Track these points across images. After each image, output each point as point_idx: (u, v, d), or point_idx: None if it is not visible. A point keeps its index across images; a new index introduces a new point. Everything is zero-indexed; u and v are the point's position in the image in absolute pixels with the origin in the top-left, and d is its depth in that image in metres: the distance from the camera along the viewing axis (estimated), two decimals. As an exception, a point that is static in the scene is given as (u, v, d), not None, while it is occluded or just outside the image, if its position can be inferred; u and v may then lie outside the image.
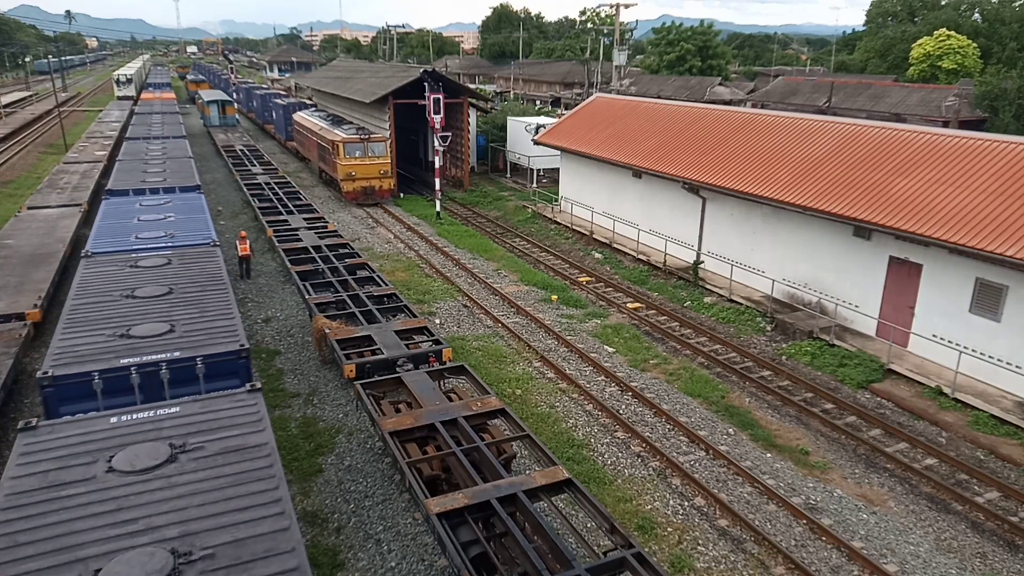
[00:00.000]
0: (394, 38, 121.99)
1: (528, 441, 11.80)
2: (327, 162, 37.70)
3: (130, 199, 20.14)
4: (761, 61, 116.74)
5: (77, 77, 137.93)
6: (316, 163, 41.20)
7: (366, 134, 35.33)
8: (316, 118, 43.36)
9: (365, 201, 35.36)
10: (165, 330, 10.75)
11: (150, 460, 7.13)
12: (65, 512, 6.34)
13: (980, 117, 45.08)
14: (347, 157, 34.55)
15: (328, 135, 36.87)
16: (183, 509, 6.41)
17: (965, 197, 16.85)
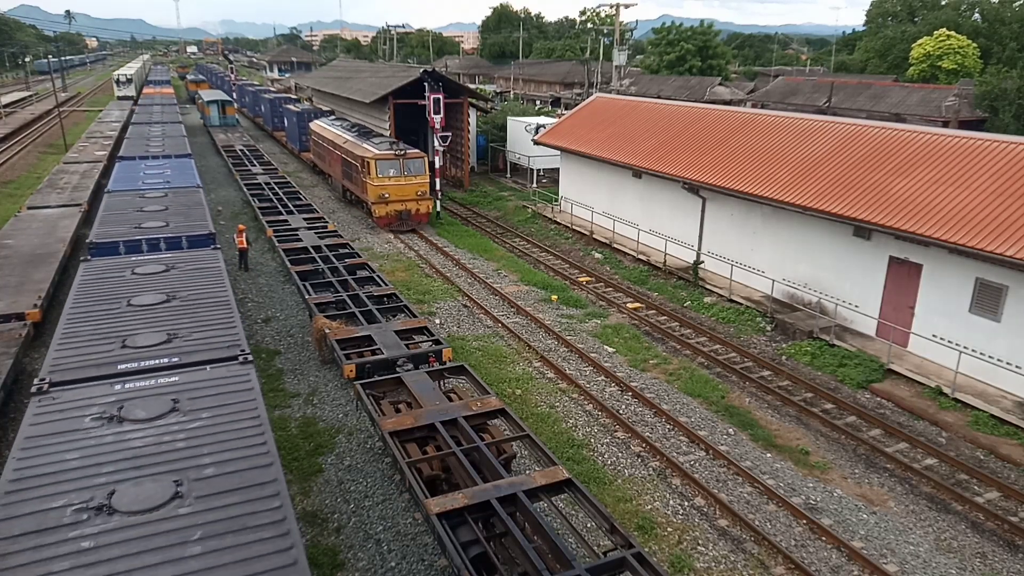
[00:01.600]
0: (394, 38, 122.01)
1: (528, 441, 11.80)
2: (353, 180, 32.48)
3: (136, 163, 25.44)
4: (761, 61, 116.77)
5: (77, 77, 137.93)
6: (339, 180, 35.83)
7: (401, 149, 30.25)
8: (338, 128, 37.72)
9: (400, 227, 30.29)
10: (162, 223, 16.41)
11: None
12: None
13: (980, 117, 45.08)
14: (379, 177, 29.60)
15: (356, 150, 31.56)
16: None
17: (965, 197, 16.85)
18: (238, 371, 8.76)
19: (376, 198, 29.87)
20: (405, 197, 30.13)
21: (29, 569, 5.48)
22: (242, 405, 7.95)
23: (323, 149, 38.63)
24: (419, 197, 30.47)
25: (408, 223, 30.48)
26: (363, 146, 31.57)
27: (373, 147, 30.85)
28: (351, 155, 32.02)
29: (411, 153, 30.23)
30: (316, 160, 41.74)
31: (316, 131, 40.61)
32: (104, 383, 8.36)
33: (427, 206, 31.00)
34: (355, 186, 32.50)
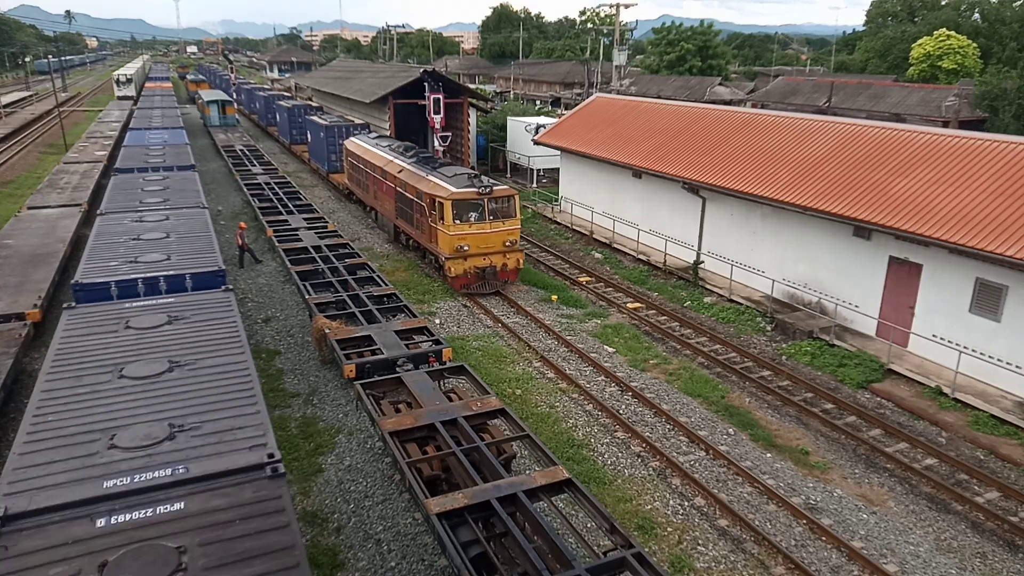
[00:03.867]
0: (394, 38, 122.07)
1: (528, 441, 11.80)
2: (415, 224, 24.69)
3: (143, 131, 36.64)
4: (761, 61, 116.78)
5: (77, 77, 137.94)
6: (389, 218, 28.06)
7: (485, 186, 22.36)
8: (386, 150, 29.16)
9: (481, 288, 22.73)
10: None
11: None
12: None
13: (980, 117, 45.09)
14: (456, 224, 21.91)
15: (420, 184, 23.62)
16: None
17: (965, 197, 16.85)
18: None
19: (452, 251, 22.00)
20: (490, 249, 22.36)
21: None
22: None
23: (364, 175, 30.54)
24: (507, 248, 22.65)
25: (492, 283, 22.73)
26: (431, 179, 23.55)
27: (446, 181, 22.82)
28: (412, 190, 24.31)
29: (499, 191, 22.60)
30: (353, 187, 33.48)
31: (353, 151, 32.08)
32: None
33: (517, 260, 23.01)
34: (418, 231, 24.52)
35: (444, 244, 22.38)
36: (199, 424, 7.32)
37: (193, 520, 5.97)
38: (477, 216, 22.15)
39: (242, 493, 6.36)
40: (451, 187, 22.31)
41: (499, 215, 22.41)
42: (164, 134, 35.17)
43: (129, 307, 11.10)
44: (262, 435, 7.22)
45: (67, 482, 6.42)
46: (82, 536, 5.73)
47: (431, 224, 23.03)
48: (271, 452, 6.90)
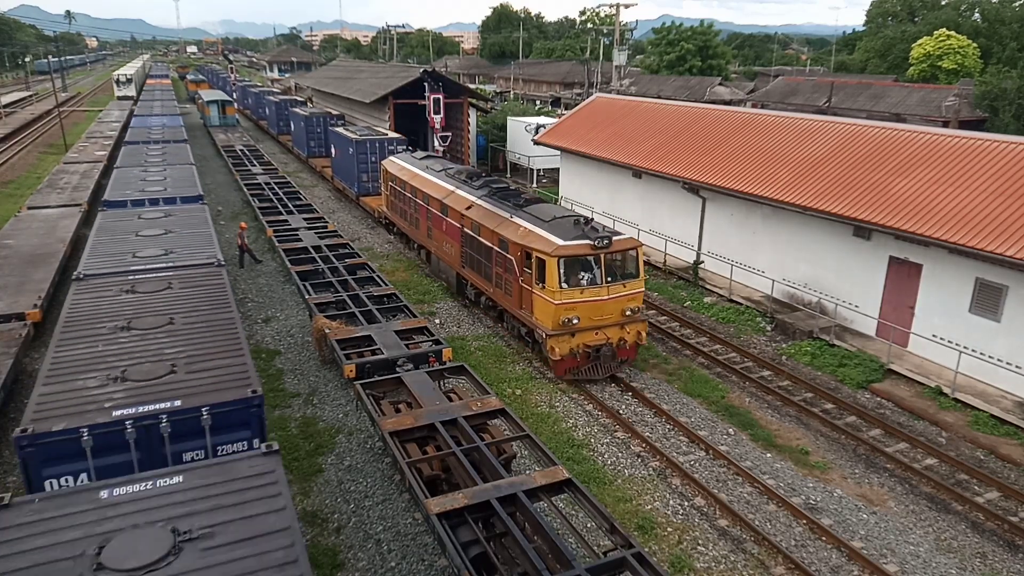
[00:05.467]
0: (394, 38, 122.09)
1: (528, 441, 11.80)
2: (494, 278, 19.07)
3: (146, 117, 45.37)
4: (761, 61, 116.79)
5: (77, 77, 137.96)
6: (452, 265, 22.09)
7: (602, 236, 16.59)
8: (447, 179, 23.37)
9: (592, 373, 17.04)
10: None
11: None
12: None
13: (980, 117, 45.10)
14: (564, 289, 16.33)
15: (504, 228, 18.25)
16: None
17: (965, 197, 16.86)
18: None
19: (556, 325, 16.44)
20: (605, 320, 16.78)
21: None
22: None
23: (411, 205, 25.28)
24: (627, 317, 17.02)
25: (606, 366, 17.07)
26: (520, 224, 17.89)
27: (544, 228, 17.15)
28: (489, 235, 18.85)
29: (620, 242, 16.81)
30: (394, 217, 27.95)
31: (395, 174, 26.70)
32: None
33: (638, 332, 17.21)
34: (499, 290, 18.92)
35: (545, 315, 16.60)
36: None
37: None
38: (591, 277, 16.57)
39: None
40: (555, 238, 16.48)
41: (618, 274, 16.83)
42: (163, 119, 44.04)
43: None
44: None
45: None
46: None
47: (522, 285, 17.37)
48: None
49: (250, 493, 6.55)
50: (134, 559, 5.64)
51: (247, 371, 9.55)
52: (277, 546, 5.91)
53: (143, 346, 10.39)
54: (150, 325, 11.13)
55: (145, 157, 28.66)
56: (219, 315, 11.64)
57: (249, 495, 6.52)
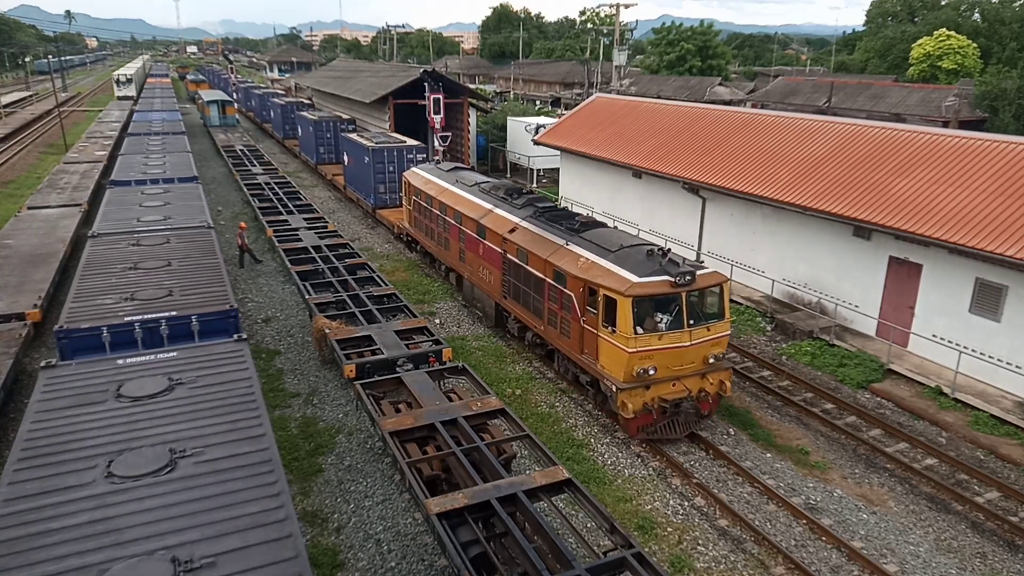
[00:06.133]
0: (394, 38, 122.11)
1: (528, 441, 11.80)
2: (546, 315, 16.75)
3: (147, 112, 48.89)
4: (761, 61, 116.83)
5: (77, 77, 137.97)
6: (492, 295, 19.70)
7: (684, 270, 14.13)
8: (483, 197, 20.91)
9: (669, 432, 14.64)
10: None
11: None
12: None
13: (980, 117, 45.12)
14: (639, 335, 13.88)
15: (559, 258, 15.97)
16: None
17: (965, 197, 16.86)
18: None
19: (629, 376, 14.04)
20: (685, 370, 14.43)
21: None
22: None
23: (439, 223, 23.02)
24: (710, 366, 14.67)
25: (688, 422, 14.75)
26: (580, 253, 15.61)
27: (612, 260, 14.80)
28: (540, 264, 16.55)
29: (704, 277, 14.42)
30: (418, 234, 25.62)
31: (419, 188, 24.43)
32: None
33: (721, 382, 14.95)
34: (552, 329, 16.51)
35: (615, 364, 14.19)
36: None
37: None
38: (670, 319, 14.05)
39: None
40: (628, 273, 14.03)
41: (702, 315, 14.35)
42: (163, 113, 47.77)
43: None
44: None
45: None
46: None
47: (584, 326, 15.02)
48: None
49: (224, 363, 9.40)
50: (143, 391, 8.65)
51: (227, 295, 12.79)
52: (241, 390, 8.74)
53: (147, 279, 13.37)
54: (152, 266, 14.04)
55: (147, 146, 31.72)
56: (207, 260, 14.57)
57: (223, 365, 9.35)
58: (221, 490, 6.74)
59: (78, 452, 7.28)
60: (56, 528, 6.15)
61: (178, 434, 7.67)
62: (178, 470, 7.03)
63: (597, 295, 14.39)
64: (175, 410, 8.18)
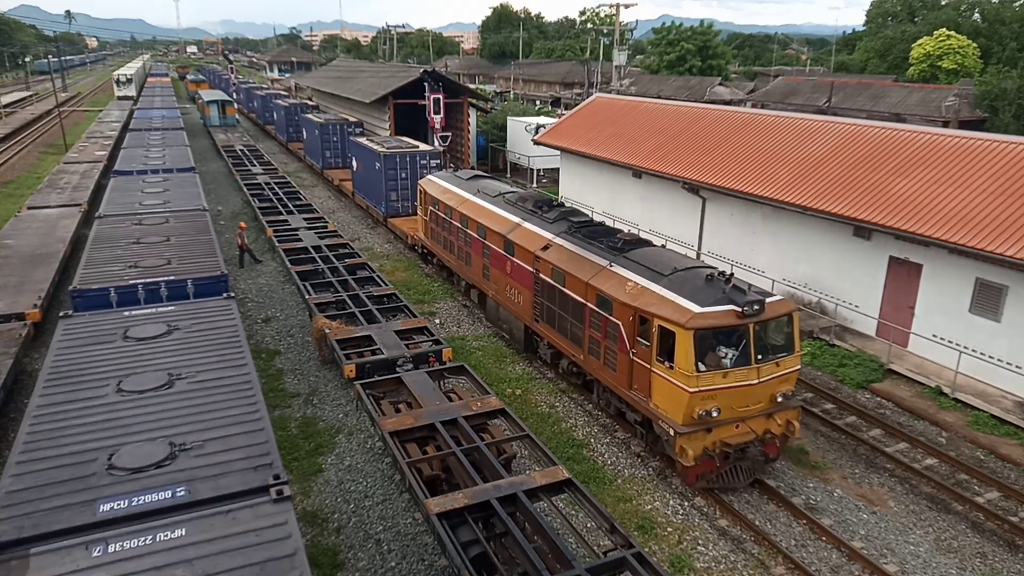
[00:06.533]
0: (394, 38, 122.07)
1: (528, 441, 11.80)
2: (588, 344, 15.05)
3: (148, 110, 51.00)
4: (761, 61, 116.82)
5: (77, 77, 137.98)
6: (522, 318, 18.07)
7: (752, 300, 12.41)
8: (508, 209, 19.28)
9: (732, 480, 13.08)
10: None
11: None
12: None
13: (980, 117, 45.12)
14: (701, 373, 12.20)
15: (602, 281, 14.39)
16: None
17: (965, 197, 16.85)
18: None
19: (690, 419, 12.52)
20: (751, 410, 12.83)
21: None
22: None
23: (459, 236, 21.34)
24: (777, 405, 13.07)
25: (755, 467, 13.14)
26: (630, 277, 13.94)
27: (666, 286, 13.21)
28: (580, 287, 14.94)
29: (773, 306, 12.78)
30: (435, 247, 23.91)
31: (437, 197, 22.77)
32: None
33: (788, 422, 13.26)
34: (596, 360, 14.77)
35: (672, 405, 12.62)
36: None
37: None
38: (736, 355, 12.39)
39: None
40: (688, 302, 12.49)
41: (770, 349, 12.72)
42: (163, 111, 49.71)
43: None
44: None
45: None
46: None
47: (634, 359, 13.42)
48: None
49: (214, 315, 11.08)
50: (145, 334, 10.14)
51: (218, 263, 14.47)
52: (228, 333, 10.37)
53: (148, 251, 15.12)
54: (153, 241, 15.83)
55: (147, 140, 33.83)
56: (202, 236, 16.25)
57: (214, 316, 11.03)
58: (209, 400, 8.36)
59: (93, 376, 8.87)
60: (78, 424, 7.83)
61: (176, 363, 9.19)
62: (175, 387, 8.59)
63: (650, 325, 12.79)
64: (173, 347, 9.72)
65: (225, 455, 7.25)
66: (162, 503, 6.52)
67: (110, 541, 5.89)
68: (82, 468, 6.97)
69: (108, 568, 5.61)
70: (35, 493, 6.59)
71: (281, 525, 6.20)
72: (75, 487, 6.70)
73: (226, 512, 6.30)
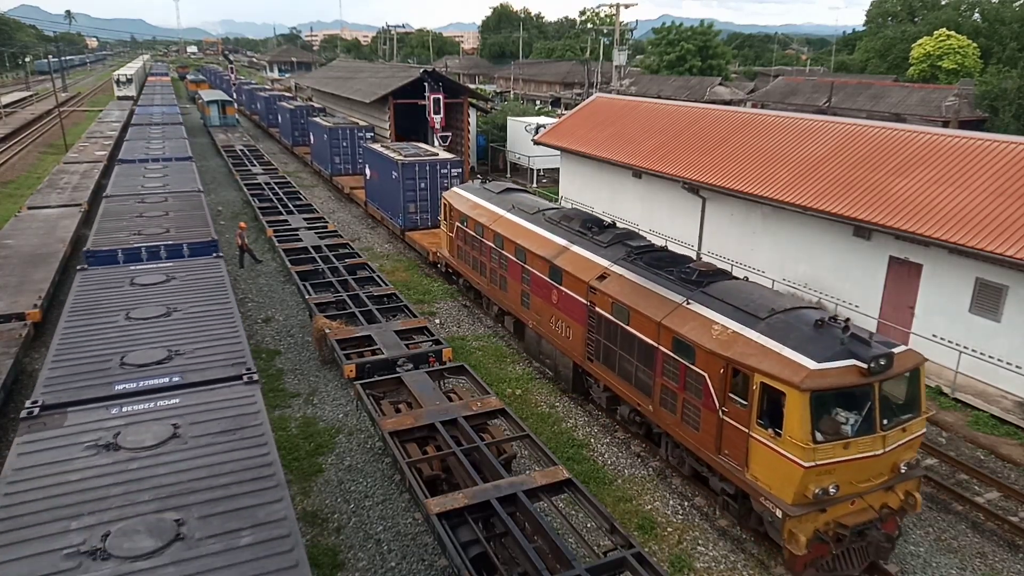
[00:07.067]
0: (394, 38, 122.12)
1: (528, 441, 11.81)
2: (660, 395, 12.93)
3: (148, 107, 52.63)
4: (761, 61, 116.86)
5: (77, 77, 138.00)
6: (572, 355, 16.08)
7: (879, 354, 10.08)
8: (553, 230, 17.23)
9: (847, 567, 10.71)
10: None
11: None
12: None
13: (980, 117, 45.14)
14: (817, 442, 9.98)
15: (680, 322, 12.27)
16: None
17: (965, 197, 16.86)
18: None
19: (802, 498, 10.31)
20: (872, 483, 10.68)
21: None
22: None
23: (497, 259, 19.13)
24: (899, 475, 10.95)
25: (872, 553, 11.00)
26: (717, 320, 11.91)
27: (767, 333, 11.09)
28: (660, 333, 12.68)
29: (901, 358, 10.61)
30: (461, 266, 21.82)
31: (465, 212, 20.78)
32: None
33: (908, 493, 11.06)
34: (671, 415, 12.72)
35: (781, 480, 10.50)
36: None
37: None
38: (859, 420, 10.30)
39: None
40: (800, 354, 10.36)
41: (895, 410, 10.72)
42: (163, 107, 52.32)
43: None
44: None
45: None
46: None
47: (724, 419, 11.30)
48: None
49: (204, 269, 13.18)
50: (148, 281, 12.25)
51: (210, 231, 16.59)
52: (215, 281, 12.51)
53: (150, 222, 17.29)
54: (154, 215, 18.00)
55: (148, 132, 36.52)
56: (197, 212, 18.47)
57: (204, 270, 13.12)
58: (198, 323, 10.56)
59: (106, 308, 11.07)
60: (98, 338, 9.90)
61: (172, 300, 11.38)
62: (172, 316, 10.73)
63: (748, 382, 10.70)
64: (170, 289, 11.98)
65: (210, 357, 9.27)
66: (162, 385, 8.51)
67: (123, 405, 7.95)
68: (102, 364, 9.06)
69: (121, 419, 7.68)
70: (68, 379, 8.63)
71: (250, 397, 8.25)
72: (97, 375, 8.75)
73: (210, 390, 8.40)
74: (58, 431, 7.41)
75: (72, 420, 7.63)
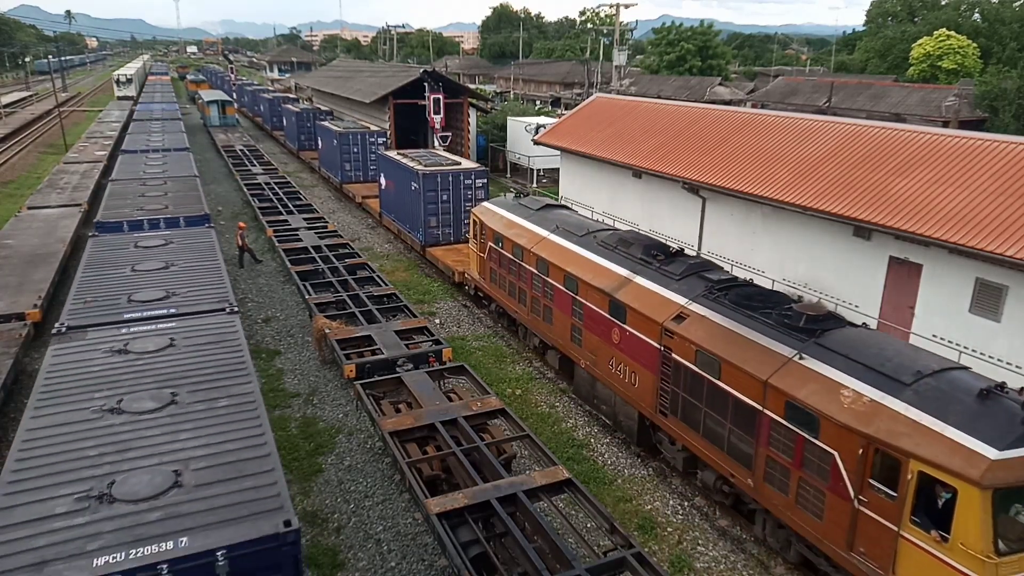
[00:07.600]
0: (394, 38, 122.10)
1: (528, 441, 11.81)
2: (765, 469, 10.64)
3: (149, 105, 55.91)
4: (761, 61, 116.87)
5: (77, 77, 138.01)
6: (638, 404, 13.81)
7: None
8: (608, 257, 15.22)
9: None
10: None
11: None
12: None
13: (980, 117, 45.14)
14: (1003, 552, 7.78)
15: (791, 382, 10.04)
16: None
17: (965, 197, 16.85)
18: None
19: None
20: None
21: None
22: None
23: (540, 287, 17.11)
24: None
25: None
26: (844, 383, 9.59)
27: (914, 403, 8.85)
28: (770, 397, 10.37)
29: None
30: (497, 293, 19.70)
31: (498, 231, 19.02)
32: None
33: None
34: (790, 500, 10.25)
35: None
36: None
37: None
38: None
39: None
40: (974, 439, 8.24)
41: None
42: (162, 104, 55.61)
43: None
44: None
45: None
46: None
47: (862, 510, 9.18)
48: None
49: (198, 237, 15.66)
50: (149, 244, 14.72)
51: (203, 207, 19.55)
52: (206, 248, 14.84)
53: (151, 200, 20.32)
54: (154, 195, 21.01)
55: (149, 127, 40.06)
56: (193, 193, 21.49)
57: (197, 237, 15.68)
58: (190, 278, 12.92)
59: (114, 264, 13.60)
60: (108, 283, 12.59)
61: (170, 258, 13.84)
62: (169, 270, 13.30)
63: (901, 468, 8.62)
64: (168, 250, 14.46)
65: (198, 296, 11.94)
66: (162, 314, 11.12)
67: (131, 327, 10.44)
68: (111, 300, 11.71)
69: (128, 335, 10.05)
70: (86, 309, 11.32)
71: (231, 323, 10.67)
72: (108, 306, 11.44)
73: (199, 316, 11.03)
74: (82, 342, 9.83)
75: (92, 335, 10.11)
